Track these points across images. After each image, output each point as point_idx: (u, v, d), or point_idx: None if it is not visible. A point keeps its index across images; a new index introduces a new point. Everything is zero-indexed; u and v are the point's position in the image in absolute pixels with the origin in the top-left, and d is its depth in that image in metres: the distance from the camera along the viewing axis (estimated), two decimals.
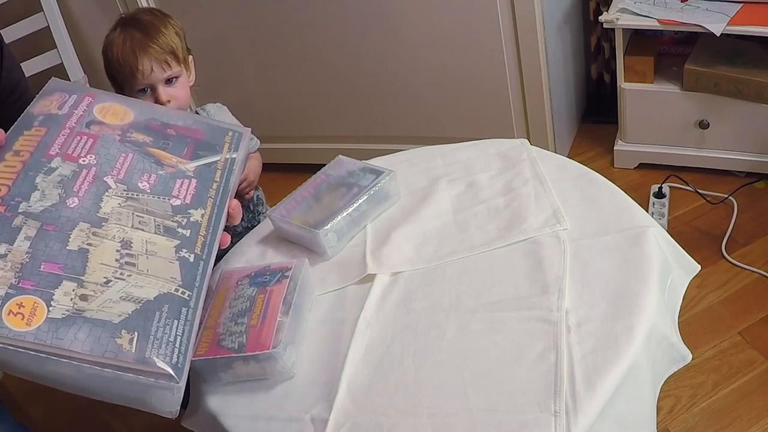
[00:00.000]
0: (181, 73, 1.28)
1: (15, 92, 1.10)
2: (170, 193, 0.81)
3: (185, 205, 0.81)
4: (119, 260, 0.73)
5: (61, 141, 0.79)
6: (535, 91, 1.91)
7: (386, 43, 1.98)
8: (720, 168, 1.95)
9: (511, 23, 1.81)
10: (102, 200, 0.77)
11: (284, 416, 0.83)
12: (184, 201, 0.81)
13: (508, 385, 0.78)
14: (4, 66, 1.07)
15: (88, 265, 0.71)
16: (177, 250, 0.76)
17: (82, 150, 0.80)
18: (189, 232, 0.79)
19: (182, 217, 0.80)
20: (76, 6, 2.26)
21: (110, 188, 0.78)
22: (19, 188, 0.74)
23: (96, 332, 0.66)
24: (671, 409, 1.43)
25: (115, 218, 0.76)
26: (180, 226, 0.79)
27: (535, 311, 0.85)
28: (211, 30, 2.14)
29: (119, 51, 1.24)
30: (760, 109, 1.79)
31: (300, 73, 2.16)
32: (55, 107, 0.83)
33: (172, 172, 0.83)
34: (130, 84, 1.25)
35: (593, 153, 2.17)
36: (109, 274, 0.71)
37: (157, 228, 0.77)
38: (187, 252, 0.77)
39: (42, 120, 0.81)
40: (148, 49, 1.23)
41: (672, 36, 1.98)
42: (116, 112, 0.86)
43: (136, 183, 0.80)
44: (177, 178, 0.83)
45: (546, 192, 1.02)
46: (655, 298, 0.84)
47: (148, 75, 1.24)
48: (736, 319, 1.58)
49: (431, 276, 0.95)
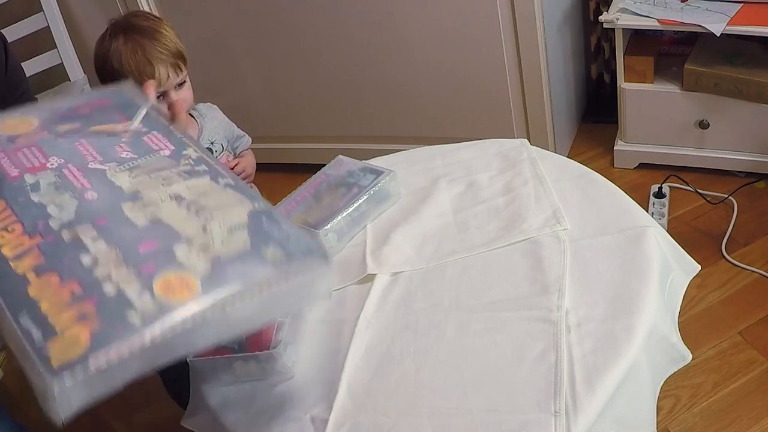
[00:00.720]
0: (186, 76, 1.28)
1: (18, 89, 1.11)
2: (152, 150, 0.79)
3: (174, 151, 0.79)
4: (190, 210, 0.71)
5: (8, 164, 0.75)
6: (535, 91, 1.91)
7: (386, 43, 1.98)
8: (720, 168, 1.95)
9: (511, 23, 1.81)
10: (112, 181, 0.74)
11: (284, 416, 0.84)
12: (169, 148, 0.80)
13: (508, 385, 0.78)
14: (9, 63, 1.08)
15: (173, 226, 0.68)
16: (214, 181, 0.76)
17: (39, 157, 0.76)
18: (204, 166, 0.78)
19: (185, 160, 0.78)
20: (76, 6, 2.25)
21: (105, 170, 0.75)
22: (30, 216, 0.69)
23: (245, 263, 0.65)
24: (671, 409, 1.43)
25: (143, 187, 0.73)
26: (193, 166, 0.77)
27: (535, 311, 0.85)
28: (210, 30, 2.14)
29: (129, 60, 1.20)
30: (760, 109, 1.79)
31: (300, 73, 2.16)
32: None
33: (130, 134, 0.81)
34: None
35: (593, 153, 2.17)
36: (197, 223, 0.69)
37: (180, 176, 0.75)
38: (222, 178, 0.76)
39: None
40: (161, 56, 1.21)
41: (672, 36, 1.98)
42: (14, 124, 0.82)
43: (119, 156, 0.77)
44: (140, 137, 0.81)
45: (546, 192, 1.03)
46: (655, 298, 0.84)
47: (164, 82, 1.23)
48: (736, 319, 1.58)
49: (431, 276, 0.96)
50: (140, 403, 1.70)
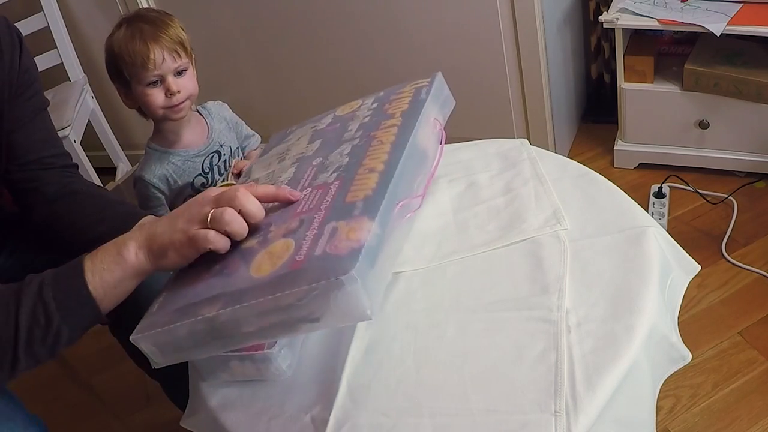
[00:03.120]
0: (188, 65, 1.28)
1: (30, 90, 1.11)
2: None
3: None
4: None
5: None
6: (535, 91, 1.91)
7: (387, 43, 1.98)
8: (720, 168, 1.95)
9: (511, 23, 1.81)
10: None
11: (284, 416, 0.83)
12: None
13: (508, 385, 0.78)
14: (22, 62, 1.08)
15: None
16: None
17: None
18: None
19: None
20: (76, 6, 2.26)
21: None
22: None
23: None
24: (671, 409, 1.43)
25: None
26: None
27: (535, 311, 0.85)
28: (212, 29, 2.14)
29: (128, 43, 1.22)
30: (760, 109, 1.79)
31: (301, 73, 2.16)
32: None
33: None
34: (139, 76, 1.24)
35: (593, 153, 2.17)
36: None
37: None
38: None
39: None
40: (159, 39, 1.23)
41: (672, 36, 1.98)
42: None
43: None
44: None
45: (546, 192, 1.02)
46: (655, 298, 0.84)
47: (160, 65, 1.23)
48: (736, 319, 1.59)
49: (431, 276, 0.95)
50: (140, 403, 1.70)
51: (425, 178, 0.94)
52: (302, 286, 0.70)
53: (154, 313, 0.82)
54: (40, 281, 0.81)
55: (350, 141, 0.94)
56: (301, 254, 0.74)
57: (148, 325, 0.81)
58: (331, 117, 1.07)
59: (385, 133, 0.91)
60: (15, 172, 1.12)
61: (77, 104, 2.15)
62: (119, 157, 2.39)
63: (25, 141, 1.11)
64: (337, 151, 0.92)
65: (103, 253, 0.82)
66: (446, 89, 1.06)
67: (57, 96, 2.16)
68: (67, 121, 2.05)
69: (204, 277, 0.81)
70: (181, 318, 0.78)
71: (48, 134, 1.16)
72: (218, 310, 0.75)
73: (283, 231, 0.79)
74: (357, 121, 1.00)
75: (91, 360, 1.80)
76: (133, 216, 1.07)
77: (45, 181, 1.13)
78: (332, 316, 0.72)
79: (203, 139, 1.36)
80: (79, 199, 1.13)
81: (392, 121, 0.94)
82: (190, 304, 0.78)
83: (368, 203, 0.77)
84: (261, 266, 0.76)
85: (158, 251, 0.82)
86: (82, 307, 0.81)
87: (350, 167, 0.86)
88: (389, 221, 0.77)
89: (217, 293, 0.77)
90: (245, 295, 0.74)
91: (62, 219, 1.11)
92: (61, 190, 1.13)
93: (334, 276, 0.68)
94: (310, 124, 1.10)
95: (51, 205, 1.12)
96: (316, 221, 0.78)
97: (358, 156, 0.88)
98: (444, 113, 1.05)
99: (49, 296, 0.80)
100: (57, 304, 0.80)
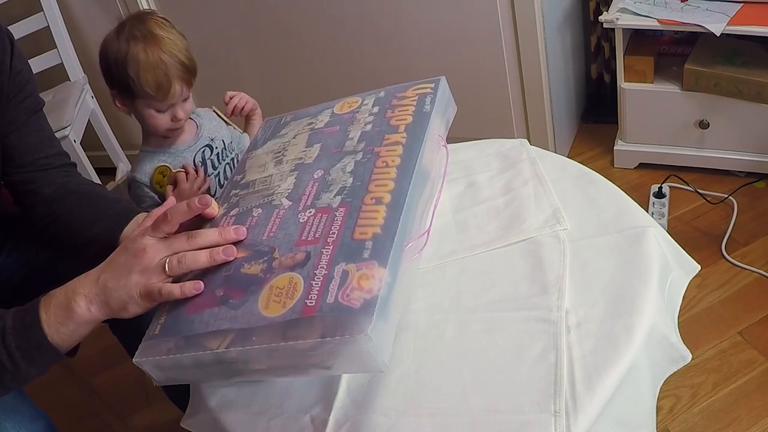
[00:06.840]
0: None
1: (22, 92, 1.10)
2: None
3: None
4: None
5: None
6: (535, 91, 1.92)
7: (387, 43, 1.98)
8: (720, 168, 1.95)
9: (511, 23, 1.81)
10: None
11: (284, 416, 0.83)
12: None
13: (508, 385, 0.78)
14: (13, 65, 1.07)
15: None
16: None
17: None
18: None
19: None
20: (76, 6, 2.26)
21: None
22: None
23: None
24: (671, 409, 1.43)
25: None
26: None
27: (535, 311, 0.85)
28: (210, 30, 2.14)
29: (147, 72, 1.18)
30: (760, 109, 1.79)
31: (301, 74, 2.16)
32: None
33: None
34: (149, 100, 1.22)
35: (593, 153, 2.17)
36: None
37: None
38: None
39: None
40: (180, 72, 1.20)
41: (672, 36, 1.98)
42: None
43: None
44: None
45: (546, 192, 1.02)
46: (655, 298, 0.84)
47: (177, 97, 1.23)
48: (736, 319, 1.59)
49: (431, 276, 0.95)
50: (140, 403, 1.70)
51: (431, 206, 0.92)
52: (315, 337, 0.70)
53: (157, 335, 0.81)
54: (2, 328, 0.82)
55: (352, 155, 0.91)
56: (312, 299, 0.72)
57: (152, 350, 0.80)
58: (328, 115, 1.05)
59: (389, 153, 0.89)
60: (12, 174, 1.12)
61: (77, 104, 2.15)
62: (119, 157, 2.39)
63: (21, 144, 1.11)
64: (339, 165, 0.90)
65: (55, 307, 0.82)
66: (449, 95, 1.05)
67: (57, 96, 2.16)
68: (67, 121, 2.05)
69: (208, 303, 0.79)
70: (188, 349, 0.77)
71: (44, 135, 1.15)
72: (228, 347, 0.74)
73: (290, 262, 0.78)
74: (358, 126, 0.98)
75: (92, 360, 1.80)
76: (127, 214, 1.07)
77: (43, 182, 1.13)
78: (344, 366, 0.72)
79: (192, 137, 1.37)
80: (75, 199, 1.12)
81: (396, 137, 0.92)
82: (197, 334, 0.77)
83: (377, 244, 0.76)
84: (270, 304, 0.74)
85: (117, 307, 0.82)
86: (46, 352, 0.82)
87: (355, 191, 0.84)
88: (399, 266, 0.76)
89: (226, 328, 0.76)
90: (256, 335, 0.73)
91: (60, 219, 1.11)
92: (59, 190, 1.13)
93: (349, 333, 0.68)
94: (306, 119, 1.07)
95: (50, 205, 1.12)
96: (324, 259, 0.76)
97: (362, 178, 0.86)
98: (447, 120, 1.04)
99: (12, 346, 0.81)
100: (21, 353, 0.82)
